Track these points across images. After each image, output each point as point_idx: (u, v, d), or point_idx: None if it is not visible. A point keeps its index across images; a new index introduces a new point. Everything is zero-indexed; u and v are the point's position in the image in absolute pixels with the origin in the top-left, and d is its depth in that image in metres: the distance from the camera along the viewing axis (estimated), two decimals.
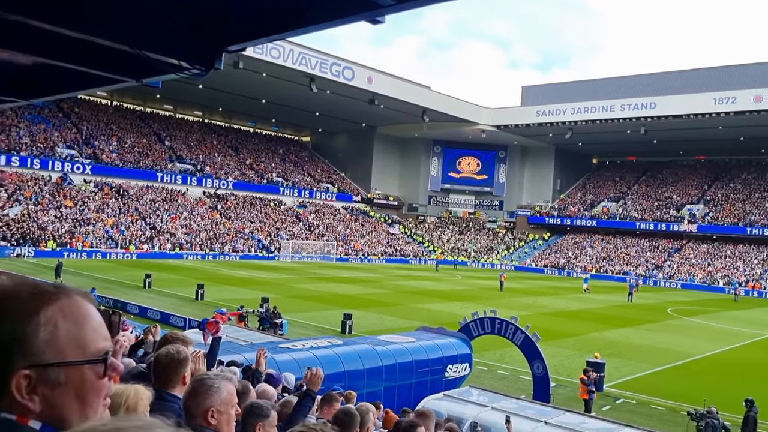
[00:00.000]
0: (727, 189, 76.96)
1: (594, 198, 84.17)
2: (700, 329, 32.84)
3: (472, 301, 36.68)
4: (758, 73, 63.02)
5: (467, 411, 11.09)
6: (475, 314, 16.04)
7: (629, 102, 65.78)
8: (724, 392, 17.57)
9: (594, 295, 47.65)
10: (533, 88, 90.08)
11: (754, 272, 63.26)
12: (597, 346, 23.95)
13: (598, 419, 12.38)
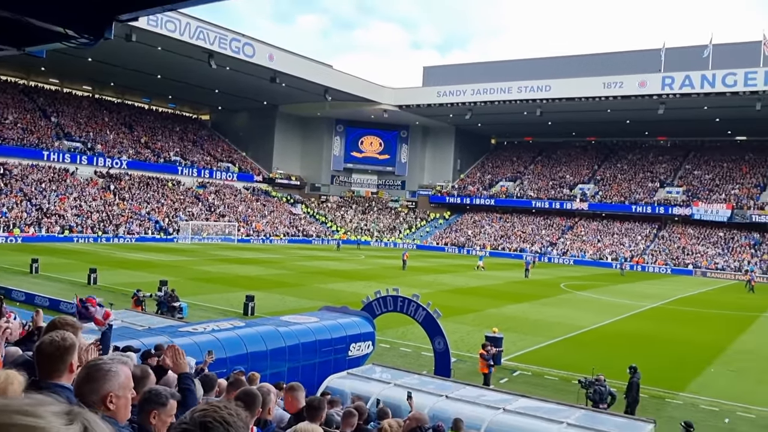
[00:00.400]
0: (614, 169, 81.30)
1: (492, 178, 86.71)
2: (590, 303, 34.67)
3: (375, 280, 37.06)
4: (643, 60, 66.61)
5: (371, 388, 11.19)
6: (378, 293, 16.18)
7: (526, 84, 67.95)
8: (611, 361, 18.64)
9: (492, 272, 49.27)
10: (435, 68, 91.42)
11: (638, 248, 67.38)
12: (495, 321, 24.81)
13: (496, 391, 12.83)
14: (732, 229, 66.55)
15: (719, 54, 59.98)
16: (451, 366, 15.46)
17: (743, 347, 23.69)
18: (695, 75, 59.12)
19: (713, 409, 15.49)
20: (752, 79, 56.80)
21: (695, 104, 62.16)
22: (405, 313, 15.79)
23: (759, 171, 73.08)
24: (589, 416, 10.36)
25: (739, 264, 60.53)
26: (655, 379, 16.96)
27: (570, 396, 14.49)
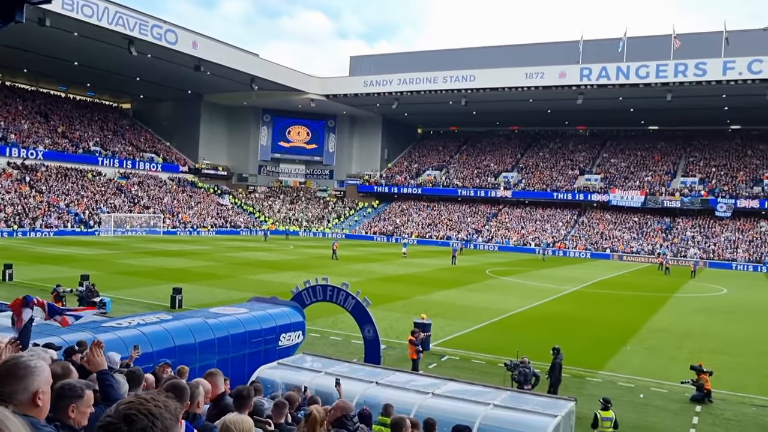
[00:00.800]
0: (537, 157, 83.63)
1: (419, 167, 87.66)
2: (515, 287, 35.71)
3: (304, 269, 37.00)
4: (563, 51, 68.65)
5: (302, 378, 11.25)
6: (307, 282, 16.21)
7: (451, 74, 68.90)
8: (535, 343, 19.33)
9: (421, 259, 49.98)
10: (361, 58, 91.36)
11: (560, 233, 69.71)
12: (424, 307, 25.24)
13: (426, 376, 13.11)
14: (646, 214, 69.77)
15: (633, 47, 62.47)
16: (380, 353, 15.70)
17: (656, 326, 24.98)
18: (611, 67, 61.44)
19: (629, 385, 16.32)
20: (663, 71, 59.51)
21: (611, 95, 64.64)
22: (335, 302, 15.90)
23: (670, 159, 76.80)
24: (515, 397, 10.75)
25: (652, 247, 63.58)
26: (577, 359, 17.70)
27: (496, 378, 14.97)
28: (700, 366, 15.52)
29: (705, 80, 58.27)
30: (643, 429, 13.09)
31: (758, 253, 60.07)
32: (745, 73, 56.49)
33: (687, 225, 67.14)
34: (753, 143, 75.74)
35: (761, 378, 17.65)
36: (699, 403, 14.91)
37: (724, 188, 67.46)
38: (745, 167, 71.37)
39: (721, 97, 62.43)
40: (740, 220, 65.63)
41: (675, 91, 60.52)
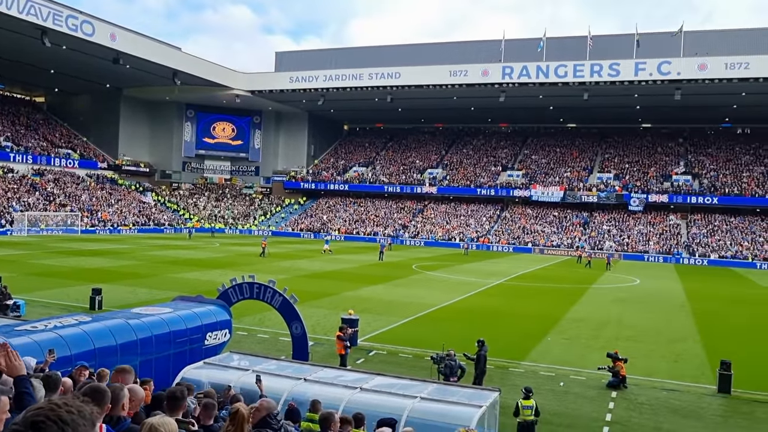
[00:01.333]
0: (461, 154, 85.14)
1: (346, 163, 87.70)
2: (440, 282, 36.31)
3: (231, 267, 36.49)
4: (486, 50, 70.14)
5: (228, 376, 11.15)
6: (234, 280, 16.04)
7: (376, 71, 69.21)
8: (460, 336, 19.76)
9: (348, 255, 50.10)
10: (287, 54, 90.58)
11: (483, 228, 71.25)
12: (351, 303, 25.37)
13: (353, 371, 13.22)
14: (565, 208, 72.22)
15: (552, 47, 64.49)
16: (308, 349, 15.70)
17: (575, 316, 25.97)
18: (531, 66, 63.21)
19: (550, 374, 16.93)
20: (580, 71, 61.71)
21: (532, 93, 66.48)
22: (262, 299, 15.79)
23: (587, 155, 79.75)
24: (441, 389, 10.98)
25: (571, 241, 65.90)
26: (500, 350, 18.23)
27: (423, 372, 15.24)
28: (616, 353, 16.27)
29: (618, 80, 60.78)
30: (563, 416, 13.62)
31: (668, 245, 63.25)
32: (655, 74, 59.27)
33: (603, 219, 69.92)
34: (663, 141, 79.63)
35: (671, 363, 18.66)
36: (615, 389, 15.63)
37: (637, 184, 70.64)
38: (655, 164, 74.92)
39: (634, 97, 65.33)
40: (651, 213, 68.93)
41: (591, 90, 62.89)
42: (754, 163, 72.04)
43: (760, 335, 23.88)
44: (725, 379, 15.73)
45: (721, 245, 61.90)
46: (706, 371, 17.64)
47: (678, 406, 14.59)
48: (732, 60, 57.40)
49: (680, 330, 23.99)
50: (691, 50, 60.55)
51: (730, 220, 66.05)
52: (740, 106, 67.14)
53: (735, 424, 13.51)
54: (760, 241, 61.77)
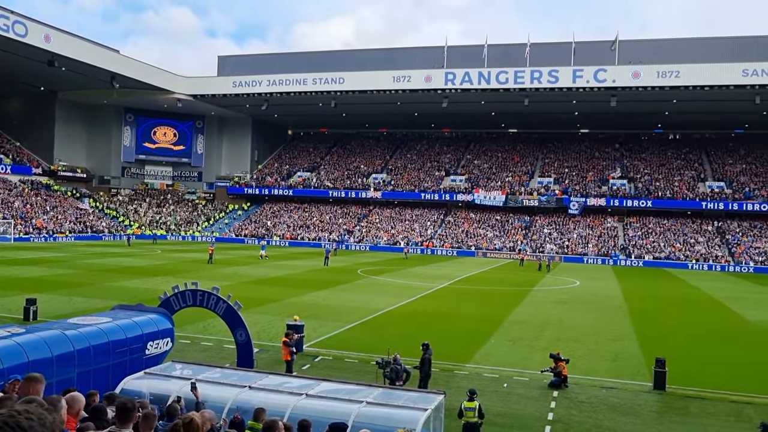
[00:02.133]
0: (405, 159, 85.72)
1: (290, 168, 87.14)
2: (385, 286, 36.44)
3: (173, 275, 35.78)
4: (429, 56, 70.89)
5: (171, 387, 10.92)
6: (176, 288, 15.73)
7: (321, 76, 69.10)
8: (405, 339, 19.88)
9: (293, 261, 49.77)
10: (230, 58, 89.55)
11: (427, 233, 71.86)
12: (296, 309, 25.22)
13: (299, 377, 13.14)
14: (507, 212, 73.54)
15: (494, 54, 65.67)
16: (253, 356, 15.53)
17: (518, 318, 26.45)
18: (473, 72, 64.20)
19: (494, 376, 17.19)
20: (521, 77, 63.03)
21: (474, 99, 67.54)
22: (205, 306, 15.53)
23: (528, 160, 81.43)
24: (387, 393, 11.02)
25: (513, 244, 67.11)
26: (445, 353, 18.40)
27: (369, 376, 15.27)
28: (558, 354, 16.66)
29: (557, 86, 62.33)
30: (507, 416, 13.85)
31: (606, 247, 65.12)
32: (591, 81, 61.06)
33: (544, 222, 71.49)
34: (600, 146, 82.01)
35: (610, 362, 19.21)
36: (556, 389, 15.99)
37: (576, 188, 72.53)
38: (593, 168, 77.08)
39: (572, 103, 67.14)
40: (590, 217, 70.88)
41: (531, 96, 64.30)
42: (685, 167, 74.96)
43: (693, 333, 24.83)
44: (660, 376, 16.30)
45: (656, 247, 64.11)
46: (642, 369, 18.22)
47: (616, 404, 15.03)
48: (663, 68, 59.65)
49: (618, 330, 24.71)
50: (625, 59, 62.64)
51: (663, 223, 68.50)
52: (671, 113, 69.85)
53: (669, 420, 14.00)
54: (691, 242, 64.25)
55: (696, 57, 63.01)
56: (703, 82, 58.76)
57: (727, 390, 16.25)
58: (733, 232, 65.84)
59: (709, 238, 65.15)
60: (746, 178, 70.98)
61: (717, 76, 58.45)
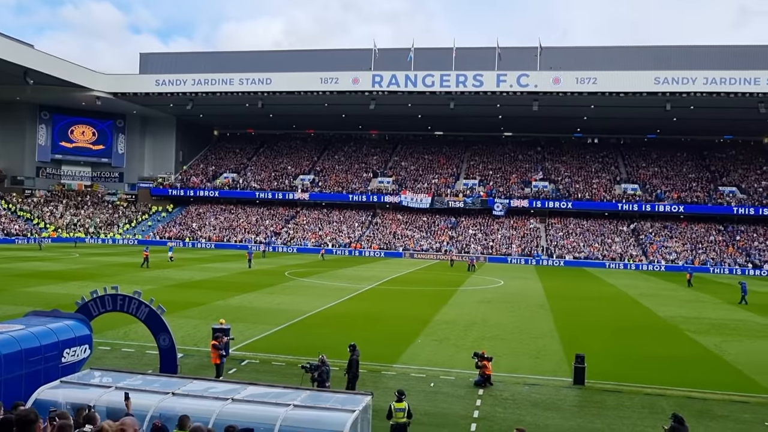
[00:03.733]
0: (332, 160, 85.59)
1: (216, 169, 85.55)
2: (313, 288, 36.27)
3: (93, 279, 34.56)
4: (359, 58, 70.97)
5: (89, 395, 10.52)
6: (95, 293, 15.19)
7: (247, 76, 68.17)
8: (333, 341, 19.86)
9: (219, 264, 48.89)
10: (153, 56, 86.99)
11: (355, 234, 71.97)
12: (222, 312, 24.79)
13: (225, 382, 12.91)
14: (434, 214, 74.54)
15: (421, 57, 66.39)
16: (177, 362, 15.17)
17: (444, 318, 26.84)
18: (400, 74, 64.81)
19: (421, 375, 17.38)
20: (446, 80, 64.05)
21: (401, 101, 68.11)
22: (126, 311, 15.05)
23: (454, 162, 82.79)
24: (314, 396, 10.98)
25: (439, 245, 68.08)
26: (373, 354, 18.49)
27: (297, 379, 15.16)
28: (483, 353, 17.00)
29: (482, 90, 63.65)
30: (434, 415, 14.04)
31: (529, 247, 66.95)
32: (514, 86, 62.69)
33: (470, 223, 72.84)
34: (523, 149, 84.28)
35: (533, 359, 19.76)
36: (481, 387, 16.32)
37: (500, 190, 74.26)
38: (516, 170, 79.11)
39: (496, 107, 68.71)
40: (514, 218, 72.71)
41: (457, 99, 65.43)
42: (602, 170, 77.96)
43: (610, 329, 25.84)
44: (580, 371, 16.91)
45: (576, 247, 66.39)
46: (563, 365, 18.84)
47: (538, 399, 15.48)
48: (582, 75, 61.90)
49: (541, 327, 25.46)
50: (546, 65, 64.58)
51: (582, 223, 71.02)
52: (590, 118, 72.53)
53: (588, 413, 14.54)
54: (608, 242, 66.88)
55: (612, 65, 65.70)
56: (618, 88, 61.34)
57: (641, 383, 17.01)
58: (646, 232, 68.94)
59: (624, 238, 67.97)
60: (658, 180, 74.46)
61: (631, 83, 61.15)
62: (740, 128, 76.44)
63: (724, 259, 62.69)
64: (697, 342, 23.43)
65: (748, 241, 66.08)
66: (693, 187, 72.63)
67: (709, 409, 15.05)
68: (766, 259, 62.10)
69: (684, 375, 18.15)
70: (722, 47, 70.45)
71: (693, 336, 24.65)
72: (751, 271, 60.05)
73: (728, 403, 15.55)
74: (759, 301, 37.48)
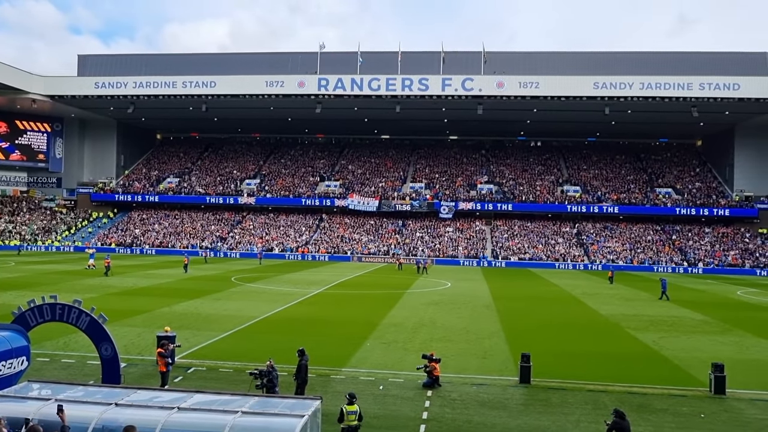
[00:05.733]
0: (279, 164, 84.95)
1: (159, 174, 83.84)
2: (260, 293, 35.91)
3: (30, 288, 33.39)
4: (305, 61, 70.79)
5: (27, 409, 10.18)
6: (32, 302, 14.69)
7: (191, 79, 67.06)
8: (281, 346, 19.71)
9: (163, 270, 47.92)
10: (92, 57, 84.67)
11: (303, 238, 71.56)
12: (167, 320, 24.32)
13: (171, 391, 12.67)
14: (381, 217, 74.77)
15: (368, 61, 66.64)
16: (121, 372, 14.80)
17: (392, 321, 26.95)
18: (346, 78, 64.80)
19: (370, 379, 17.42)
20: (392, 84, 64.38)
21: (347, 105, 68.20)
22: (66, 321, 14.61)
23: (400, 166, 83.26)
24: (263, 402, 10.87)
25: (387, 248, 68.31)
26: (322, 358, 18.44)
27: (245, 385, 15.01)
28: (431, 355, 17.14)
29: (427, 94, 64.22)
30: (384, 418, 14.10)
31: (475, 249, 67.84)
32: (459, 90, 63.47)
33: (417, 226, 73.34)
34: (468, 152, 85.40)
35: (479, 360, 20.04)
36: (430, 389, 16.46)
37: (446, 192, 75.04)
38: (462, 173, 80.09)
39: (441, 110, 69.45)
40: (460, 220, 73.58)
41: (402, 103, 65.87)
42: (545, 173, 79.66)
43: (554, 328, 26.40)
44: (525, 370, 17.24)
45: (520, 248, 67.60)
46: (509, 365, 19.16)
47: (486, 399, 15.71)
48: (525, 79, 63.13)
49: (487, 328, 25.83)
50: (491, 69, 65.66)
51: (527, 225, 72.39)
52: (533, 122, 74.07)
53: (534, 410, 14.84)
54: (552, 243, 68.34)
55: (554, 69, 67.25)
56: (559, 92, 62.81)
57: (585, 380, 17.46)
58: (588, 233, 70.75)
59: (567, 239, 69.59)
60: (598, 182, 76.53)
61: (572, 88, 62.72)
62: (675, 131, 79.34)
63: (661, 258, 64.85)
64: (636, 339, 24.18)
65: (684, 240, 68.56)
66: (631, 188, 74.94)
67: (649, 403, 15.56)
68: (700, 258, 64.53)
69: (625, 371, 18.71)
70: (659, 53, 73.09)
71: (633, 333, 25.43)
72: (687, 269, 62.30)
73: (667, 397, 16.10)
74: (693, 298, 38.93)
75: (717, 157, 78.25)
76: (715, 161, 78.92)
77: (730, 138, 74.26)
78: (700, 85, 61.06)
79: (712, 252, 65.64)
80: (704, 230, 70.13)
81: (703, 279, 55.25)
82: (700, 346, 22.95)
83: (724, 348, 22.68)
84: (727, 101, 61.80)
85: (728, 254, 64.94)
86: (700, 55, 71.10)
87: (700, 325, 28.12)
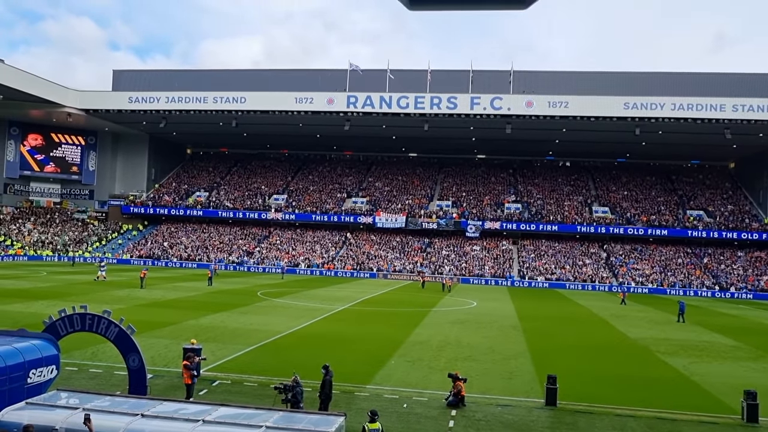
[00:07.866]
0: (306, 181, 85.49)
1: (188, 188, 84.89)
2: (286, 308, 36.01)
3: (61, 298, 33.91)
4: (335, 78, 71.38)
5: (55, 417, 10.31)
6: (63, 312, 14.91)
7: (222, 95, 67.98)
8: (306, 362, 19.69)
9: (189, 283, 48.33)
10: (126, 72, 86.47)
11: (329, 254, 71.73)
12: (194, 332, 24.48)
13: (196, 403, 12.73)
14: (407, 234, 74.67)
15: (397, 79, 67.00)
16: (147, 383, 14.91)
17: (417, 339, 26.81)
18: (375, 96, 65.15)
19: (394, 396, 17.30)
20: (421, 102, 64.56)
21: (375, 122, 68.46)
22: (95, 331, 14.79)
23: (427, 184, 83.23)
24: (287, 417, 10.87)
25: (413, 266, 68.13)
26: (346, 375, 18.38)
27: (269, 400, 15.00)
28: (456, 374, 16.99)
29: (456, 113, 64.25)
30: None
31: (502, 268, 67.33)
32: (488, 109, 63.39)
33: (443, 244, 73.08)
34: (496, 171, 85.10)
35: (504, 380, 19.81)
36: (454, 408, 16.30)
37: (473, 211, 74.75)
38: (489, 192, 79.78)
39: (470, 129, 69.39)
40: (487, 239, 73.15)
41: (431, 121, 65.97)
42: (574, 193, 79.00)
43: (582, 350, 26.03)
44: (551, 392, 16.98)
45: (547, 268, 66.93)
46: (535, 386, 18.90)
47: (511, 421, 15.49)
48: (554, 99, 62.85)
49: (513, 348, 25.54)
50: (520, 88, 65.54)
51: (554, 245, 71.70)
52: (561, 141, 73.59)
53: None
54: (579, 264, 67.56)
55: (584, 89, 66.84)
56: (589, 113, 62.36)
57: (613, 404, 17.13)
58: (616, 254, 69.83)
59: (595, 260, 68.75)
60: (628, 203, 75.64)
61: (601, 108, 62.25)
62: (707, 153, 78.24)
63: (692, 282, 63.70)
64: (666, 363, 23.71)
65: (715, 264, 67.30)
66: (661, 210, 73.91)
67: (679, 429, 15.21)
68: (732, 282, 63.25)
69: (654, 396, 18.33)
70: (691, 74, 72.33)
71: (662, 357, 24.95)
72: (719, 293, 61.10)
73: (697, 424, 15.72)
74: (725, 323, 38.12)
75: (750, 180, 76.93)
76: (748, 184, 77.58)
77: (764, 160, 72.93)
78: (733, 107, 60.21)
79: (745, 276, 64.32)
80: (737, 254, 68.80)
81: (735, 304, 54.12)
82: (732, 373, 22.42)
83: (756, 375, 22.12)
84: (761, 123, 60.82)
85: (761, 279, 63.57)
86: (734, 76, 70.23)
87: (731, 350, 27.49)
